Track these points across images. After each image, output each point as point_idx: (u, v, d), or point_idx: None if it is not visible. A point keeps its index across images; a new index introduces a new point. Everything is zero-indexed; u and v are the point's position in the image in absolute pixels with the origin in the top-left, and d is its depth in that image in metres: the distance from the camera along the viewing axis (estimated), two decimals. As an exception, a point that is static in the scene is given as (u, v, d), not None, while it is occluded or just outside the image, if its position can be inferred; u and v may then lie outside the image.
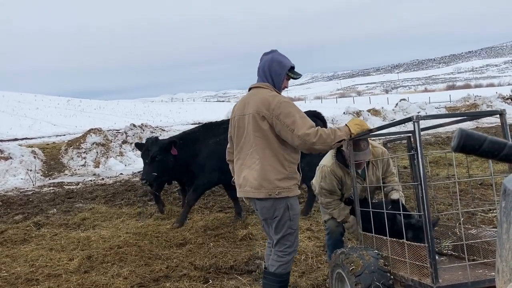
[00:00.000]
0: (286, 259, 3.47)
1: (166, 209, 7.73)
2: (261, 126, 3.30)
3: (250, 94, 3.50)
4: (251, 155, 3.37)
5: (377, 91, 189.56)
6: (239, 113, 3.49)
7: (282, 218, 3.38)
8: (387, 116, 23.62)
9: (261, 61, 3.52)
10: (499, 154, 0.91)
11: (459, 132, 0.92)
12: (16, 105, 47.45)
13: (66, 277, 4.78)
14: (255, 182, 3.32)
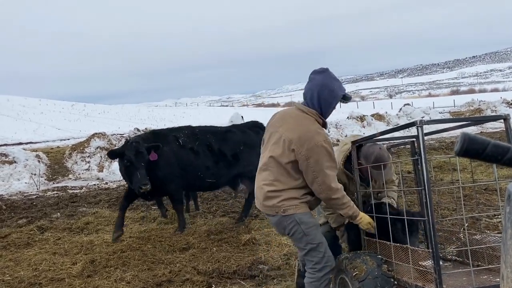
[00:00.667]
0: (317, 275, 3.34)
1: (169, 213, 7.72)
2: (289, 155, 3.20)
3: (292, 115, 3.34)
4: (263, 172, 3.35)
5: (381, 96, 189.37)
6: (274, 126, 3.39)
7: (296, 234, 3.28)
8: (391, 121, 23.59)
9: (311, 81, 3.29)
10: (503, 158, 0.90)
11: (462, 136, 0.91)
12: (21, 110, 47.65)
13: (69, 281, 4.78)
14: (260, 199, 3.35)
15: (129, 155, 5.96)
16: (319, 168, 3.14)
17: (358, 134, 8.73)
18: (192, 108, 68.59)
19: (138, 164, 5.98)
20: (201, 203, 8.59)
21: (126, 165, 6.02)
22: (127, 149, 6.02)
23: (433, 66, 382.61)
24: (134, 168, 5.97)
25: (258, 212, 7.31)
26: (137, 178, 5.94)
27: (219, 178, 6.84)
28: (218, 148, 6.84)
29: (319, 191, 3.21)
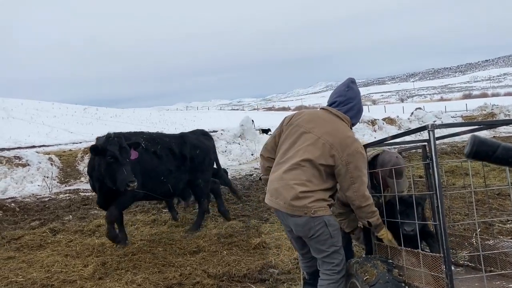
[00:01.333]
0: (335, 277, 3.32)
1: (179, 216, 7.76)
2: (327, 160, 3.18)
3: (326, 119, 3.32)
4: (293, 171, 3.22)
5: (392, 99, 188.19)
6: (304, 126, 3.32)
7: (320, 235, 3.24)
8: (402, 125, 23.44)
9: (351, 90, 3.40)
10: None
11: (472, 138, 0.90)
12: (34, 113, 48.20)
13: (81, 283, 4.83)
14: (288, 198, 3.19)
15: (113, 150, 5.48)
16: (357, 174, 3.16)
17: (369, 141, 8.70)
18: (202, 112, 68.83)
19: (123, 160, 5.52)
20: (212, 206, 8.60)
21: (109, 161, 5.49)
22: (110, 144, 5.53)
23: (445, 70, 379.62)
24: (119, 164, 5.47)
25: (269, 216, 7.31)
26: (123, 175, 5.43)
27: (177, 184, 6.68)
28: (179, 152, 6.71)
29: (353, 198, 3.20)
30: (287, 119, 3.48)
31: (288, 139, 3.37)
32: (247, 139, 17.91)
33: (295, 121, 3.40)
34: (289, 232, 3.51)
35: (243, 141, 17.80)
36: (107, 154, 5.50)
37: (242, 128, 18.12)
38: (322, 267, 3.36)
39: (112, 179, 5.58)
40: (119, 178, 5.47)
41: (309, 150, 3.21)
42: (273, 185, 3.32)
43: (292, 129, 3.38)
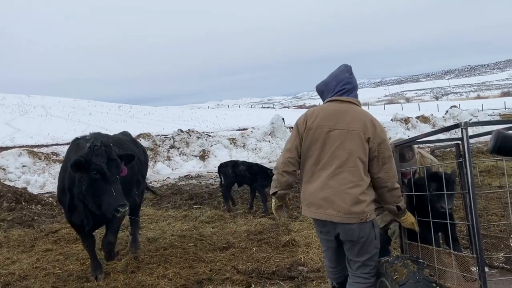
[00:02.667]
0: (372, 280, 3.24)
1: (210, 213, 7.86)
2: (365, 147, 3.07)
3: (343, 109, 3.17)
4: (339, 175, 3.05)
5: (427, 97, 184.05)
6: (326, 125, 3.14)
7: (368, 238, 3.14)
8: (436, 124, 22.92)
9: (353, 76, 3.31)
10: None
11: (495, 133, 0.90)
12: (71, 111, 49.71)
13: (114, 276, 4.96)
14: (345, 206, 3.02)
15: (99, 163, 4.26)
16: (388, 154, 3.12)
17: (401, 138, 8.59)
18: (233, 110, 69.23)
19: (113, 176, 4.34)
20: (241, 203, 8.67)
21: (94, 177, 4.25)
22: (95, 154, 4.29)
23: (482, 67, 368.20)
24: (106, 182, 4.27)
25: (298, 214, 7.30)
26: (111, 197, 4.23)
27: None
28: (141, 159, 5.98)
29: (385, 179, 3.10)
30: (301, 125, 3.24)
31: (314, 144, 3.17)
32: (277, 137, 17.91)
33: (313, 124, 3.18)
34: (328, 242, 3.31)
35: (273, 139, 17.80)
36: (92, 169, 4.26)
37: (272, 126, 18.13)
38: (358, 271, 3.21)
39: (95, 201, 4.33)
40: (105, 201, 4.25)
41: (346, 146, 3.07)
42: (318, 195, 3.10)
43: (314, 133, 3.17)
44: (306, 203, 3.21)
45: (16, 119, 41.90)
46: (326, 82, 3.36)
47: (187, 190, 10.67)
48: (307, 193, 3.20)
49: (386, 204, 3.28)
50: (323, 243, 3.44)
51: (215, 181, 12.14)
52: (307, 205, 3.21)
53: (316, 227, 3.39)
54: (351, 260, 3.23)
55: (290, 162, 3.23)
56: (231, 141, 17.50)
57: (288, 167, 3.23)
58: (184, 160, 15.97)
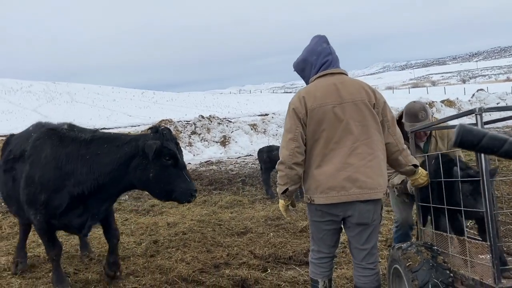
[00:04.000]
0: (377, 269, 3.11)
1: (229, 198, 7.93)
2: (374, 115, 2.93)
3: (339, 80, 2.99)
4: (357, 150, 2.88)
5: (453, 81, 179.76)
6: (331, 102, 2.92)
7: (378, 221, 3.03)
8: (462, 108, 22.46)
9: (326, 43, 3.12)
10: (499, 150, 0.87)
11: (458, 127, 0.90)
12: (96, 97, 50.52)
13: (134, 259, 5.09)
14: (369, 180, 2.87)
15: (173, 149, 4.05)
16: (391, 115, 3.04)
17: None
18: (255, 95, 69.13)
19: (183, 160, 4.18)
20: (260, 189, 8.72)
21: (166, 164, 4.00)
22: (166, 139, 4.06)
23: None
24: (179, 168, 4.07)
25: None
26: (185, 183, 4.05)
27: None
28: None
29: (395, 142, 3.01)
30: (300, 109, 2.97)
31: (321, 125, 2.93)
32: (298, 122, 17.88)
33: (315, 104, 2.94)
34: (332, 223, 3.07)
35: (295, 124, 17.78)
36: (164, 154, 4.00)
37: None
38: (365, 260, 3.06)
39: (165, 189, 4.07)
40: (180, 187, 4.04)
41: (356, 119, 2.90)
42: (339, 177, 2.88)
43: (318, 113, 2.93)
44: (323, 189, 2.92)
45: (43, 106, 42.89)
46: (304, 58, 3.15)
47: (207, 176, 10.79)
48: (322, 178, 2.92)
49: (402, 168, 3.14)
50: (320, 229, 3.11)
51: (235, 167, 12.23)
52: (324, 191, 2.92)
53: (318, 214, 3.07)
54: (357, 248, 3.07)
55: (298, 152, 2.97)
56: (251, 127, 17.54)
57: (297, 158, 2.97)
58: (205, 146, 16.11)
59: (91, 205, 4.18)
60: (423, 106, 3.81)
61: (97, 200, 4.17)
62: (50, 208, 4.09)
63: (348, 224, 3.05)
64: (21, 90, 52.93)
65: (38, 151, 4.17)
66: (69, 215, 4.16)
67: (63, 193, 4.06)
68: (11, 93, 49.72)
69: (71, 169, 4.07)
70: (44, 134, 4.30)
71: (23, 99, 46.42)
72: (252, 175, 10.34)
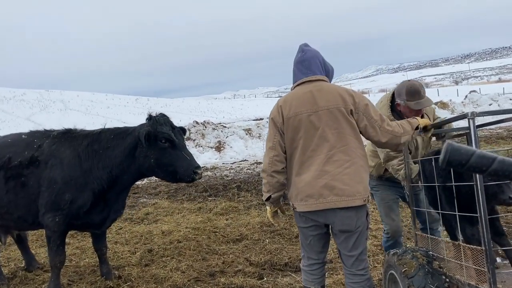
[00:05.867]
0: (368, 275, 3.08)
1: (224, 205, 7.89)
2: (351, 122, 2.92)
3: (316, 88, 2.99)
4: (333, 157, 2.89)
5: (446, 82, 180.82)
6: (306, 110, 2.94)
7: (363, 227, 3.00)
8: (455, 109, 22.54)
9: (307, 52, 3.13)
10: (488, 169, 0.86)
11: (446, 146, 0.88)
12: (90, 105, 50.32)
13: (129, 269, 5.04)
14: (347, 188, 2.86)
15: (166, 132, 4.20)
16: (377, 114, 2.98)
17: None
18: (249, 100, 69.17)
19: (181, 142, 4.32)
20: (256, 195, 8.68)
21: (163, 147, 4.16)
22: (160, 124, 4.25)
23: (504, 49, 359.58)
24: (176, 148, 4.21)
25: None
26: (186, 161, 4.16)
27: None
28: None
29: (382, 135, 2.96)
30: (277, 117, 3.03)
31: (297, 133, 2.97)
32: (293, 126, 17.88)
33: (290, 112, 2.98)
34: (316, 229, 3.09)
35: (289, 128, 17.78)
36: (159, 138, 4.17)
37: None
38: (354, 267, 3.04)
39: (169, 170, 4.21)
40: (182, 166, 4.16)
41: (332, 126, 2.90)
42: (316, 184, 2.91)
43: (294, 122, 2.97)
44: (302, 197, 2.96)
45: (36, 114, 42.65)
46: (292, 71, 3.21)
47: (202, 182, 10.73)
48: (301, 185, 2.96)
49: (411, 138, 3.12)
50: (306, 235, 3.14)
51: (230, 172, 12.19)
52: (303, 199, 2.96)
53: (302, 220, 3.10)
54: (345, 255, 3.05)
55: (277, 160, 3.03)
56: (246, 132, 17.52)
57: (276, 166, 3.03)
58: (200, 152, 16.05)
59: (110, 199, 4.41)
60: (420, 83, 3.84)
61: (115, 193, 4.42)
62: (74, 208, 4.23)
63: (333, 231, 3.06)
64: (14, 98, 52.64)
65: (57, 154, 4.34)
66: (92, 213, 4.34)
67: (87, 190, 4.26)
68: (4, 102, 49.45)
69: (89, 166, 4.29)
70: (56, 138, 4.52)
71: (16, 108, 46.17)
72: (247, 181, 10.30)
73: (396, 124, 3.06)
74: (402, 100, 3.68)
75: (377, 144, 3.10)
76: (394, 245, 4.18)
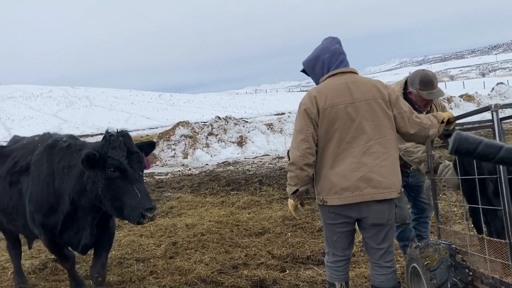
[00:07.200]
0: (395, 267, 3.09)
1: (247, 199, 7.97)
2: (388, 113, 2.89)
3: (351, 80, 2.94)
4: (370, 149, 2.84)
5: (472, 74, 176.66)
6: (342, 101, 2.86)
7: (393, 220, 3.00)
8: (481, 102, 22.09)
9: (337, 44, 3.10)
10: (495, 157, 0.88)
11: (455, 135, 0.90)
12: (114, 101, 51.21)
13: (154, 261, 5.15)
14: (384, 180, 2.83)
15: (117, 158, 3.46)
16: (407, 105, 3.02)
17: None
18: (271, 95, 69.12)
19: (135, 173, 3.54)
20: (277, 189, 8.73)
21: (111, 176, 3.46)
22: (112, 147, 3.49)
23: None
24: (127, 181, 3.48)
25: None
26: (135, 199, 3.42)
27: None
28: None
29: (410, 126, 2.96)
30: (311, 108, 2.90)
31: (333, 125, 2.88)
32: (315, 121, 17.83)
33: (326, 103, 2.87)
34: (344, 225, 3.03)
35: (311, 123, 17.73)
36: (109, 165, 3.45)
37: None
38: (382, 259, 3.04)
39: (116, 205, 3.50)
40: (129, 205, 3.43)
41: (369, 118, 2.86)
42: (353, 177, 2.84)
43: (330, 113, 2.87)
44: (337, 190, 2.87)
45: (63, 111, 43.68)
46: (317, 56, 3.09)
47: (225, 176, 10.85)
48: (336, 179, 2.87)
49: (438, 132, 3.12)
50: (334, 232, 3.08)
51: (252, 167, 12.27)
52: (338, 192, 2.87)
53: (331, 217, 3.02)
54: (374, 248, 3.04)
55: (309, 153, 2.91)
56: (268, 127, 17.56)
57: (308, 159, 2.91)
58: (222, 147, 16.18)
59: (80, 222, 3.81)
60: (434, 73, 3.88)
61: (83, 217, 3.79)
62: (48, 227, 3.83)
63: (363, 225, 3.02)
64: (41, 95, 53.97)
65: (37, 167, 3.91)
66: (66, 234, 3.85)
67: (58, 212, 3.77)
68: (31, 99, 50.74)
69: (58, 185, 3.76)
70: (43, 149, 3.99)
71: (43, 104, 47.35)
72: (269, 175, 10.35)
73: (424, 116, 3.07)
74: (415, 89, 3.72)
75: (404, 136, 3.08)
76: (404, 232, 4.17)
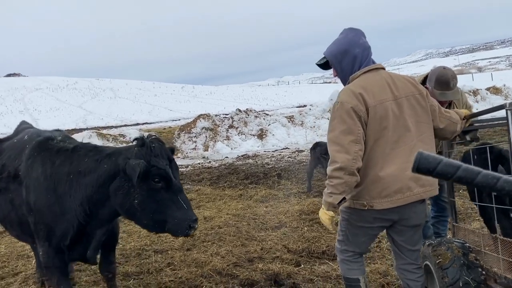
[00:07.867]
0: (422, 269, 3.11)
1: (264, 192, 8.02)
2: (426, 109, 2.81)
3: (385, 76, 2.83)
4: (415, 147, 2.70)
5: (502, 66, 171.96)
6: (388, 98, 2.73)
7: (424, 219, 3.02)
8: (509, 95, 21.53)
9: (364, 37, 2.95)
10: (452, 176, 0.91)
11: (417, 154, 0.95)
12: (138, 93, 51.84)
13: (171, 253, 5.26)
14: (430, 177, 2.73)
15: (163, 167, 3.16)
16: (434, 101, 3.00)
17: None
18: (293, 86, 68.82)
19: (179, 182, 3.32)
20: (296, 183, 8.75)
21: (155, 187, 3.13)
22: (155, 155, 3.17)
23: None
24: (172, 191, 3.18)
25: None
26: (182, 211, 3.15)
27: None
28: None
29: (440, 121, 2.91)
30: (360, 106, 2.67)
31: (381, 124, 2.69)
32: (336, 114, 17.70)
33: (373, 102, 2.69)
34: (378, 228, 2.97)
35: (332, 116, 17.61)
36: (153, 174, 3.12)
37: (331, 102, 17.91)
38: (416, 262, 3.03)
39: (156, 219, 3.18)
40: (175, 217, 3.14)
41: (411, 115, 2.76)
42: (405, 177, 2.69)
43: (379, 112, 2.69)
44: (389, 192, 2.70)
45: (88, 102, 44.47)
46: (346, 49, 2.86)
47: (243, 169, 10.92)
48: (387, 181, 2.68)
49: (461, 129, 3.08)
50: (362, 234, 2.96)
51: (271, 160, 12.31)
52: (389, 194, 2.70)
53: (368, 220, 2.86)
54: (409, 250, 2.97)
55: (361, 155, 2.67)
56: (289, 119, 17.53)
57: (360, 162, 2.66)
58: (243, 140, 16.25)
59: (92, 235, 3.47)
60: (454, 73, 3.75)
61: (94, 228, 3.45)
62: (53, 240, 3.38)
63: (399, 228, 2.90)
64: (67, 87, 55.02)
65: (30, 171, 3.46)
66: (75, 247, 3.47)
67: (64, 221, 3.34)
68: (57, 90, 51.79)
69: (61, 192, 3.34)
70: (33, 149, 3.56)
71: (69, 96, 48.28)
72: (287, 169, 10.38)
73: (452, 112, 3.05)
74: (431, 86, 3.69)
75: (434, 131, 2.97)
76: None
